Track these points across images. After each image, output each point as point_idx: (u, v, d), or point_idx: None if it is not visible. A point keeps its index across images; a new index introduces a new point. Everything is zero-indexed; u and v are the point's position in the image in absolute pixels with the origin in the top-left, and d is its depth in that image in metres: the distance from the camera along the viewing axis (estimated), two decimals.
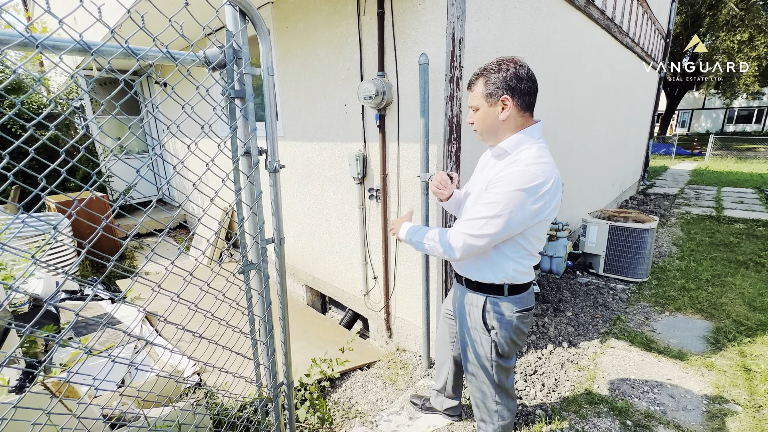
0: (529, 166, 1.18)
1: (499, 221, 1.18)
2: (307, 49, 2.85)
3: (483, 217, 1.20)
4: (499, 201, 1.17)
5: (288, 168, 3.43)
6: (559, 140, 3.73)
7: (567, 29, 3.41)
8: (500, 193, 1.18)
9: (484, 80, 1.25)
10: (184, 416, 1.35)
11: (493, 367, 1.45)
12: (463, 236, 1.24)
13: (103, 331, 2.33)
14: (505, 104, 1.23)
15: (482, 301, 1.39)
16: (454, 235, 1.26)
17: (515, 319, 1.39)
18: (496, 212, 1.17)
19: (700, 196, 7.98)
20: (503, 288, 1.36)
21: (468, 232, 1.23)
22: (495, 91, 1.23)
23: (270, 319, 1.38)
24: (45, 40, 0.76)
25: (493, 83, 1.23)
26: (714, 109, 27.93)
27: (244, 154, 1.22)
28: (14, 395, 1.23)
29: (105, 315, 2.96)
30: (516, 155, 1.25)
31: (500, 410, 1.54)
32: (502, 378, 1.49)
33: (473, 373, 1.52)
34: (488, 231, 1.20)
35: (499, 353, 1.43)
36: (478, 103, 1.28)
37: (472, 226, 1.22)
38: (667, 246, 4.90)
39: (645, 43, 6.27)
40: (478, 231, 1.21)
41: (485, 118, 1.28)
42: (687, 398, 2.24)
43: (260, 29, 1.16)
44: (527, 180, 1.16)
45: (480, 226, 1.20)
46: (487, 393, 1.52)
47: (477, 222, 1.21)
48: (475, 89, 1.27)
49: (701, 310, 3.24)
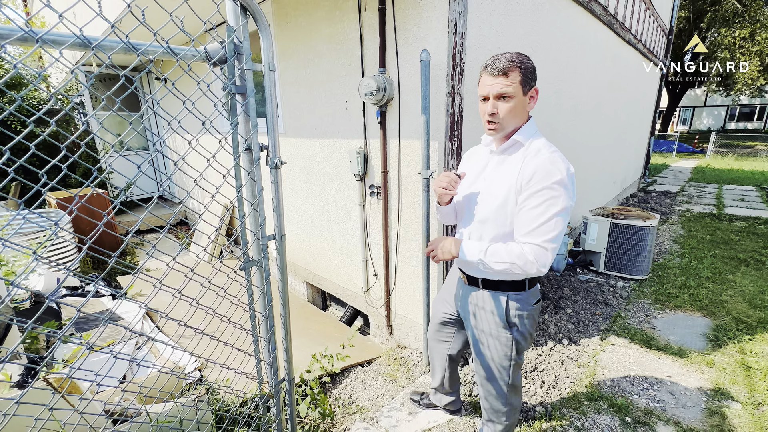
0: (553, 153, 1.21)
1: (562, 215, 1.18)
2: (308, 45, 2.83)
3: (549, 219, 1.17)
4: (553, 195, 1.16)
5: (289, 165, 3.43)
6: (560, 137, 3.72)
7: (569, 25, 3.38)
8: (549, 187, 1.16)
9: (521, 70, 1.20)
10: (185, 412, 1.35)
11: (512, 366, 1.44)
12: (542, 247, 1.18)
13: (104, 327, 2.33)
14: (533, 96, 1.25)
15: (504, 300, 1.36)
16: (534, 250, 1.19)
17: (534, 312, 1.40)
18: (558, 207, 1.17)
19: (701, 194, 7.97)
20: (524, 283, 1.35)
21: (545, 239, 1.18)
22: (530, 83, 1.22)
23: (271, 316, 1.39)
24: (45, 35, 0.76)
25: (529, 74, 1.22)
26: (716, 106, 27.83)
27: (245, 150, 1.21)
28: (17, 391, 1.24)
29: (106, 311, 2.96)
30: (529, 146, 1.26)
31: (508, 410, 1.55)
32: (516, 377, 1.50)
33: (490, 375, 1.49)
34: (560, 229, 1.19)
35: (518, 350, 1.42)
36: (514, 91, 1.21)
37: (544, 232, 1.18)
38: (668, 243, 4.90)
39: (647, 39, 6.23)
40: (553, 233, 1.18)
41: (517, 108, 1.23)
42: (687, 395, 2.24)
43: (261, 24, 1.15)
44: (560, 170, 1.17)
45: (552, 228, 1.18)
46: (500, 394, 1.51)
47: (546, 226, 1.17)
48: (512, 76, 1.20)
49: (701, 307, 3.24)
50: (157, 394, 1.44)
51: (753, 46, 15.72)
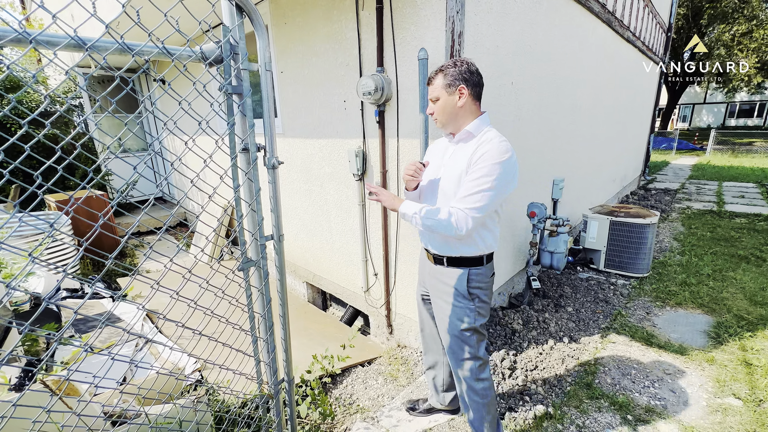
0: (501, 143, 1.39)
1: (492, 192, 1.35)
2: (306, 45, 2.83)
3: (479, 191, 1.35)
4: (488, 174, 1.34)
5: (288, 165, 3.42)
6: (559, 135, 3.71)
7: (567, 23, 3.38)
8: (486, 167, 1.35)
9: (443, 74, 1.43)
10: (185, 413, 1.35)
11: (475, 336, 1.61)
12: (465, 212, 1.36)
13: (102, 329, 2.33)
14: (462, 93, 1.43)
15: (466, 274, 1.54)
16: (457, 213, 1.37)
17: (490, 284, 1.60)
18: (489, 185, 1.34)
19: (701, 191, 7.96)
20: (483, 258, 1.54)
21: (471, 206, 1.36)
22: (453, 82, 1.42)
23: (270, 316, 1.38)
24: (38, 36, 0.75)
25: (451, 76, 1.42)
26: (715, 103, 27.78)
27: (243, 150, 1.21)
28: (14, 393, 1.24)
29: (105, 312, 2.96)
30: (481, 136, 1.44)
31: (482, 388, 1.67)
32: (481, 347, 1.64)
33: (455, 347, 1.64)
34: (485, 202, 1.35)
35: (478, 320, 1.59)
36: (438, 93, 1.45)
37: (473, 201, 1.36)
38: (668, 241, 4.89)
39: (646, 37, 6.23)
40: (479, 203, 1.35)
41: (445, 106, 1.45)
42: (688, 393, 2.24)
43: (257, 24, 1.14)
44: (502, 153, 1.36)
45: (479, 199, 1.35)
46: (471, 369, 1.64)
47: (475, 196, 1.35)
48: (435, 83, 1.45)
49: (702, 304, 3.24)
50: (155, 395, 1.43)
51: (751, 43, 15.69)
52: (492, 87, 2.48)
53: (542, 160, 3.46)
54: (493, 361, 2.51)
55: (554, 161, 3.73)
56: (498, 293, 3.21)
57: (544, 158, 3.48)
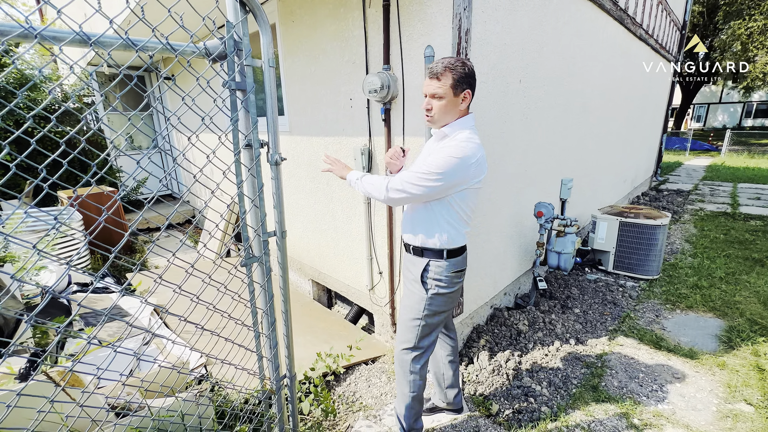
0: (462, 142, 1.46)
1: (437, 178, 1.42)
2: (313, 42, 2.83)
3: (425, 173, 1.43)
4: (438, 164, 1.42)
5: (295, 163, 3.44)
6: (568, 134, 3.66)
7: (578, 20, 3.33)
8: (440, 158, 1.43)
9: (453, 75, 1.45)
10: (187, 407, 1.36)
11: (420, 325, 1.65)
12: (402, 182, 1.46)
13: (106, 323, 2.37)
14: (466, 97, 1.49)
15: (424, 263, 1.61)
16: (394, 180, 1.48)
17: (451, 280, 1.63)
18: (436, 172, 1.42)
19: (714, 192, 7.79)
20: (443, 252, 1.59)
21: (409, 180, 1.45)
22: (461, 85, 1.46)
23: (272, 312, 1.39)
24: (43, 31, 0.76)
25: (461, 79, 1.45)
26: (732, 103, 27.14)
27: (246, 146, 1.21)
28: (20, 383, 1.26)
29: (114, 307, 3.01)
30: (454, 137, 1.51)
31: (411, 380, 1.72)
32: (423, 341, 1.68)
33: (402, 330, 1.71)
34: (426, 184, 1.43)
35: (430, 311, 1.64)
36: (443, 92, 1.47)
37: (413, 177, 1.45)
38: (680, 243, 4.80)
39: (659, 35, 6.10)
40: (417, 181, 1.44)
41: (447, 106, 1.49)
42: (697, 398, 2.19)
43: (261, 20, 1.15)
44: (460, 152, 1.43)
45: (419, 178, 1.43)
46: (406, 358, 1.70)
47: (418, 174, 1.44)
48: (444, 81, 1.46)
49: (714, 308, 3.17)
50: (158, 388, 1.45)
51: (766, 40, 15.25)
52: (499, 85, 2.45)
53: (550, 160, 3.42)
54: (498, 362, 2.49)
55: (563, 161, 3.68)
56: (504, 293, 3.19)
57: (552, 157, 3.44)
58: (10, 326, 1.81)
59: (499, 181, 2.70)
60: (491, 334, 2.82)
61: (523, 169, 2.98)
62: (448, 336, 1.97)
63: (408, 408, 1.77)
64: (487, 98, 2.37)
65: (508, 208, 2.92)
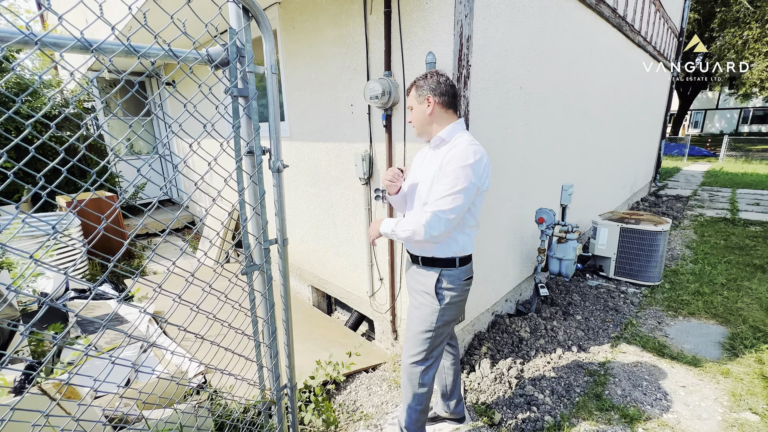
0: (468, 146, 1.45)
1: (462, 194, 1.41)
2: (314, 49, 2.84)
3: (449, 194, 1.41)
4: (456, 177, 1.40)
5: (295, 169, 3.43)
6: (568, 140, 3.66)
7: (577, 28, 3.35)
8: (455, 170, 1.41)
9: (415, 86, 1.56)
10: (185, 418, 1.33)
11: (431, 339, 1.62)
12: (437, 216, 1.42)
13: (104, 332, 2.34)
14: (429, 101, 1.53)
15: (437, 274, 1.58)
16: (428, 216, 1.43)
17: (462, 288, 1.61)
18: (459, 187, 1.40)
19: (714, 198, 7.80)
20: (455, 261, 1.58)
21: (442, 209, 1.41)
22: (422, 93, 1.54)
23: (273, 321, 1.37)
24: (44, 37, 0.75)
25: (420, 87, 1.54)
26: (728, 109, 27.33)
27: (248, 153, 1.20)
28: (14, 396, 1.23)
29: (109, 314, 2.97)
30: (453, 141, 1.52)
31: (420, 393, 1.69)
32: (433, 353, 1.65)
33: (410, 345, 1.67)
34: (456, 203, 1.41)
35: (441, 321, 1.60)
36: (411, 103, 1.58)
37: (443, 204, 1.41)
38: (680, 249, 4.79)
39: (657, 41, 6.15)
40: (449, 206, 1.41)
41: (417, 115, 1.57)
42: (702, 406, 2.17)
43: (264, 27, 1.14)
44: (471, 157, 1.42)
45: (449, 202, 1.41)
46: (415, 371, 1.67)
47: (446, 199, 1.41)
48: (411, 94, 1.59)
49: (716, 315, 3.15)
50: (156, 400, 1.42)
51: (762, 47, 15.38)
52: (500, 91, 2.46)
53: (551, 166, 3.42)
54: (500, 369, 2.46)
55: (563, 167, 3.68)
56: (505, 300, 3.16)
57: (552, 163, 3.44)
58: (5, 335, 1.78)
59: (500, 187, 2.69)
60: (493, 341, 2.80)
61: (524, 174, 2.98)
62: (450, 343, 1.95)
63: (414, 421, 1.74)
64: (488, 105, 2.37)
65: (509, 214, 2.91)
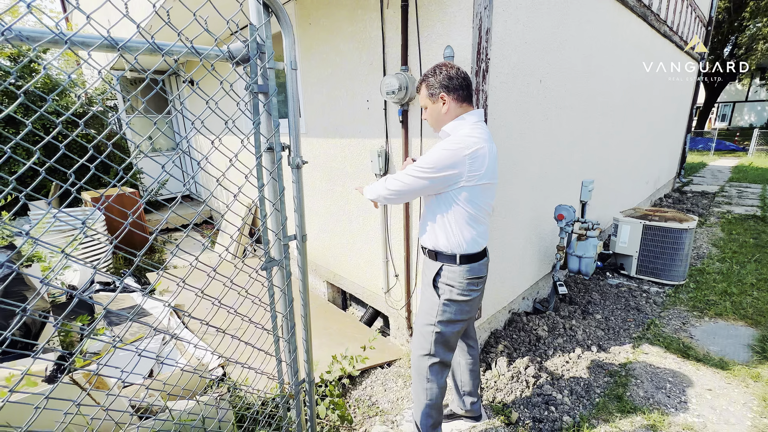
0: (458, 137, 1.46)
1: (428, 169, 1.42)
2: (330, 45, 2.83)
3: (416, 167, 1.45)
4: (430, 157, 1.43)
5: (310, 165, 3.44)
6: (589, 135, 3.56)
7: (600, 18, 3.24)
8: (432, 151, 1.45)
9: (426, 84, 1.53)
10: (207, 410, 1.36)
11: (435, 332, 1.61)
12: (395, 179, 1.50)
13: (130, 324, 2.41)
14: (443, 99, 1.51)
15: (438, 267, 1.58)
16: (389, 178, 1.53)
17: (466, 287, 1.57)
18: (427, 165, 1.42)
19: (742, 195, 7.48)
20: (455, 257, 1.55)
21: (401, 176, 1.48)
22: (435, 91, 1.51)
23: (292, 316, 1.38)
24: (73, 37, 0.77)
25: (432, 86, 1.51)
26: (759, 101, 26.07)
27: (267, 149, 1.21)
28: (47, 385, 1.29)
29: (135, 306, 3.07)
30: (455, 134, 1.52)
31: (428, 387, 1.68)
32: (439, 349, 1.63)
33: (418, 336, 1.68)
34: (417, 175, 1.44)
35: (444, 318, 1.59)
36: (424, 102, 1.57)
37: (406, 172, 1.47)
38: (706, 247, 4.62)
39: (684, 31, 5.90)
40: (408, 174, 1.46)
41: (432, 113, 1.56)
42: (730, 411, 2.09)
43: (284, 22, 1.14)
44: (452, 144, 1.43)
45: (411, 171, 1.45)
46: (422, 365, 1.66)
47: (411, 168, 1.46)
48: (422, 92, 1.56)
49: (745, 316, 3.02)
50: (180, 391, 1.46)
51: None
52: (519, 85, 2.40)
53: (571, 161, 3.33)
54: (517, 368, 2.43)
55: (584, 162, 3.58)
56: (522, 298, 3.11)
57: (573, 159, 3.35)
58: (37, 325, 1.86)
59: (519, 183, 2.64)
60: (509, 340, 2.76)
61: (543, 170, 2.92)
62: (467, 343, 1.93)
63: (425, 416, 1.73)
64: (506, 99, 2.32)
65: (527, 210, 2.86)
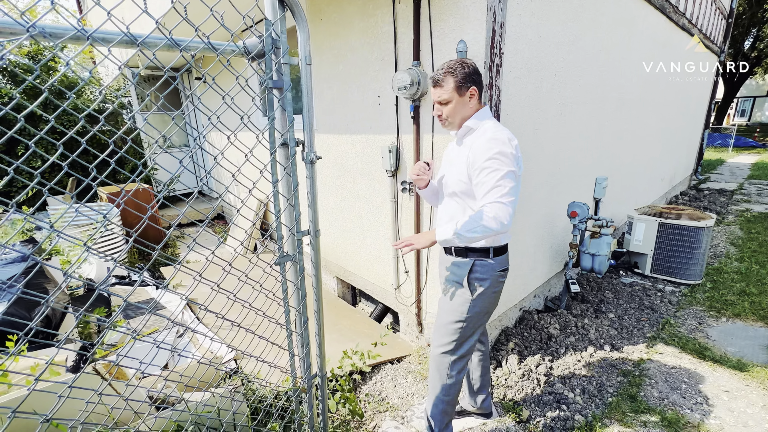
0: (496, 132, 1.44)
1: (510, 177, 1.37)
2: (341, 40, 2.82)
3: (500, 179, 1.36)
4: (497, 160, 1.37)
5: (321, 161, 3.45)
6: (604, 131, 3.50)
7: (616, 10, 3.16)
8: (492, 157, 1.38)
9: (454, 77, 1.47)
10: (223, 402, 1.39)
11: (461, 329, 1.60)
12: (500, 203, 1.35)
13: (149, 317, 2.46)
14: (473, 94, 1.49)
15: (470, 264, 1.56)
16: (494, 207, 1.35)
17: (496, 279, 1.58)
18: (504, 170, 1.36)
19: (762, 192, 7.27)
20: (489, 251, 1.55)
21: (500, 195, 1.35)
22: (464, 84, 1.47)
23: (305, 311, 1.39)
24: (94, 33, 0.78)
25: (462, 79, 1.46)
26: None
27: (282, 145, 1.21)
28: (70, 374, 1.33)
29: (151, 300, 3.13)
30: (480, 128, 1.50)
31: (448, 384, 1.67)
32: (464, 345, 1.63)
33: (441, 333, 1.66)
34: (509, 186, 1.37)
35: (472, 313, 1.58)
36: (449, 96, 1.49)
37: (500, 191, 1.35)
38: (724, 246, 4.50)
39: (703, 23, 5.73)
40: (504, 191, 1.35)
41: (457, 107, 1.50)
42: (748, 413, 2.04)
43: (299, 17, 1.14)
44: (499, 134, 1.41)
45: (503, 188, 1.36)
46: (444, 361, 1.65)
47: (499, 188, 1.36)
48: (446, 86, 1.48)
49: (764, 317, 2.95)
50: (196, 383, 1.49)
51: None
52: (533, 80, 2.36)
53: (585, 157, 3.28)
54: (528, 366, 2.41)
55: (598, 158, 3.52)
56: (534, 296, 3.09)
57: (586, 155, 3.29)
58: (57, 317, 1.92)
59: (531, 179, 2.61)
60: (520, 337, 2.74)
61: (555, 166, 2.87)
62: (480, 339, 1.93)
63: (442, 412, 1.73)
64: (520, 94, 2.29)
65: (539, 207, 2.82)
